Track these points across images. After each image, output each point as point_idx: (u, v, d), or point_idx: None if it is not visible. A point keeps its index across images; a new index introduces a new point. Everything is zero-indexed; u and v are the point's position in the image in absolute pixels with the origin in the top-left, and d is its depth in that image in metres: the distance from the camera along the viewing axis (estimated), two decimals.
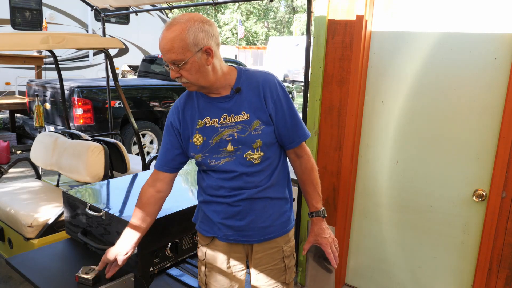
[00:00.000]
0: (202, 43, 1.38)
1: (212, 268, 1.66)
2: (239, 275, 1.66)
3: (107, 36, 4.39)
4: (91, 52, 9.20)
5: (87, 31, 9.08)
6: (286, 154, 1.64)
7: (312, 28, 2.56)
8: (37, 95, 4.77)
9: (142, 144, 4.20)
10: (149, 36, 10.18)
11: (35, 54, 7.10)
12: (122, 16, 9.45)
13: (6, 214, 2.73)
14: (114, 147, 3.14)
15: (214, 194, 1.57)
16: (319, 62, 2.55)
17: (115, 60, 3.85)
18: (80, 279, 1.71)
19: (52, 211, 2.68)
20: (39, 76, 7.18)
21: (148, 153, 6.08)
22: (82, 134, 3.31)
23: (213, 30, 1.42)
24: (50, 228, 2.58)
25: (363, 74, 2.45)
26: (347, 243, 2.73)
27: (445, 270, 2.39)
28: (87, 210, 2.01)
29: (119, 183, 2.41)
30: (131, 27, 9.90)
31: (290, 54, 17.69)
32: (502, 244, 2.12)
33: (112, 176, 3.12)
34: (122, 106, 5.09)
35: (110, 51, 3.14)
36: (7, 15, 7.93)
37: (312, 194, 1.63)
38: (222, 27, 30.21)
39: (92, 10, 4.08)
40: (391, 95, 2.42)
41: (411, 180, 2.43)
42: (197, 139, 1.54)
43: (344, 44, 2.44)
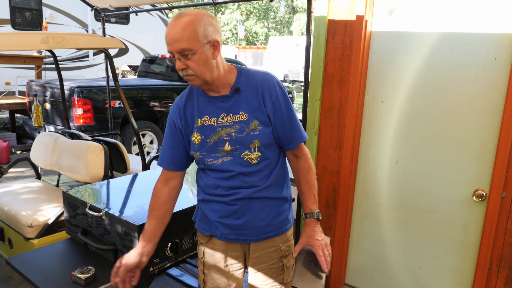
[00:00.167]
0: (211, 36, 1.40)
1: (210, 267, 1.66)
2: (237, 273, 1.67)
3: (107, 36, 4.38)
4: (91, 52, 9.20)
5: (87, 31, 9.08)
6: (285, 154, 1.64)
7: (312, 28, 2.56)
8: (35, 95, 4.75)
9: (142, 144, 4.20)
10: (149, 36, 10.17)
11: (35, 54, 7.11)
12: (122, 16, 9.44)
13: (6, 214, 2.73)
14: (114, 147, 3.14)
15: (212, 193, 1.57)
16: (319, 62, 2.55)
17: (115, 60, 3.85)
18: (75, 278, 1.72)
19: (52, 211, 2.68)
20: (39, 76, 7.18)
21: (148, 153, 6.08)
22: (82, 134, 3.31)
23: (219, 27, 1.45)
24: (50, 228, 2.58)
25: (363, 74, 2.46)
26: (347, 243, 2.73)
27: (445, 270, 2.39)
28: (87, 210, 2.01)
29: (119, 183, 2.41)
30: (131, 27, 9.89)
31: (290, 54, 17.66)
32: (502, 244, 2.12)
33: (112, 176, 3.12)
34: (122, 106, 5.08)
35: (110, 51, 3.14)
36: (7, 15, 7.92)
37: (307, 195, 1.63)
38: (222, 27, 30.11)
39: (92, 10, 4.07)
40: (391, 95, 2.42)
41: (411, 180, 2.43)
42: (195, 137, 1.54)
43: (344, 44, 2.44)
